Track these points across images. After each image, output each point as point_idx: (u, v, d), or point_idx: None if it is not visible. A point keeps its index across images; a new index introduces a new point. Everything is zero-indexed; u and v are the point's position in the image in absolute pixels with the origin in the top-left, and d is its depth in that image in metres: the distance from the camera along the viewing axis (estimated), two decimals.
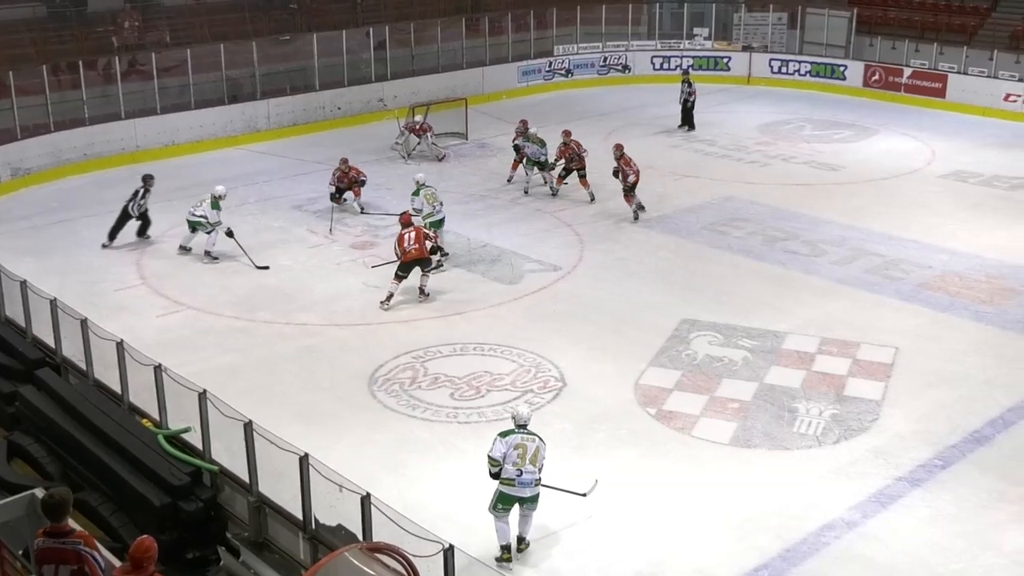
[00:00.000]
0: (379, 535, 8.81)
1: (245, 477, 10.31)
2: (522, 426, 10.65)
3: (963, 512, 11.44)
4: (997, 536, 11.06)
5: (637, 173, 20.54)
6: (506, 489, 10.48)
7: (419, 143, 25.09)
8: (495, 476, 10.50)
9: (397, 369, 14.65)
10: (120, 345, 11.87)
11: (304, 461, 9.51)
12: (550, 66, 33.60)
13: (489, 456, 10.52)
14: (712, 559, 10.71)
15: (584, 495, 11.34)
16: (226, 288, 17.57)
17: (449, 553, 8.18)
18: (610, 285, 17.61)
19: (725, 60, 34.34)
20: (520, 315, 16.49)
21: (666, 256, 19.01)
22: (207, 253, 18.92)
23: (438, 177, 21.67)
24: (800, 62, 33.53)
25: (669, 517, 11.39)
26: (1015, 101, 29.19)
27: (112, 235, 19.44)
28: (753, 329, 15.77)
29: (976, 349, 15.25)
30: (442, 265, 17.96)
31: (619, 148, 20.76)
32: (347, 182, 21.16)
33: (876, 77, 31.99)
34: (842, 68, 32.81)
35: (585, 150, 22.08)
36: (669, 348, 15.20)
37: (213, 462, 10.71)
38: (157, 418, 11.47)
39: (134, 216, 19.41)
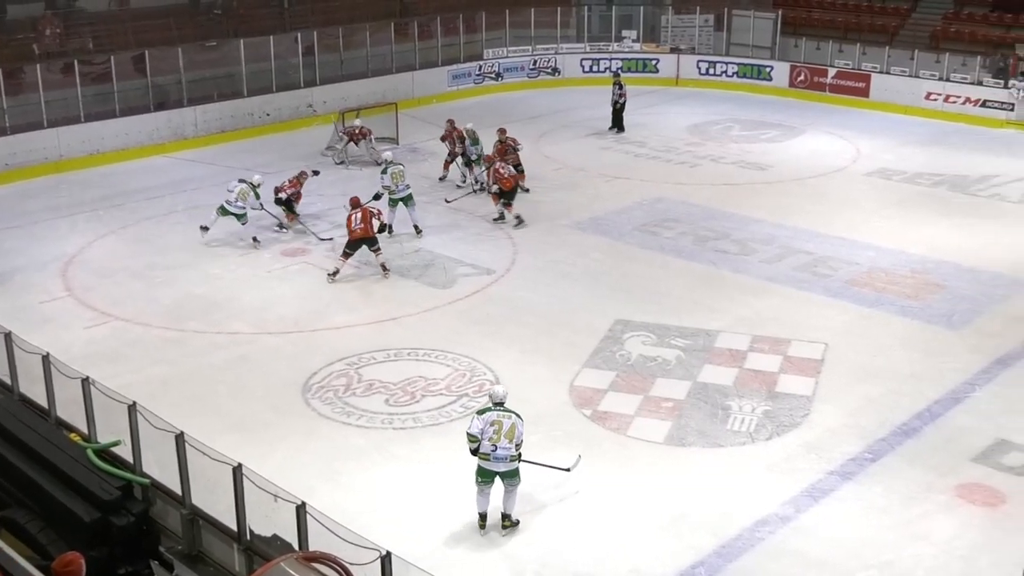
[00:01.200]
0: (315, 544, 8.74)
1: (178, 489, 10.16)
2: (499, 404, 11.15)
3: (893, 504, 11.66)
4: (926, 526, 11.28)
5: (509, 181, 20.60)
6: (483, 463, 11.01)
7: (357, 148, 24.96)
8: (474, 452, 11.01)
9: (331, 376, 14.56)
10: (46, 358, 11.63)
11: (238, 471, 9.40)
12: (480, 69, 33.61)
13: (468, 433, 11.06)
14: (649, 557, 10.79)
15: (568, 470, 11.89)
16: (155, 299, 17.32)
17: (387, 560, 8.14)
18: (543, 288, 17.66)
19: (653, 62, 34.62)
20: (454, 319, 16.48)
21: (598, 258, 19.11)
22: (255, 239, 19.58)
23: (370, 181, 21.57)
24: (727, 63, 33.95)
25: (606, 517, 11.46)
26: (936, 100, 29.84)
27: None
28: (685, 328, 15.92)
29: (903, 344, 15.54)
30: (420, 232, 19.96)
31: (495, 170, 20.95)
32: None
33: (801, 77, 32.49)
34: (768, 69, 33.27)
35: (520, 145, 22.43)
36: (603, 349, 15.29)
37: (144, 475, 10.53)
38: (86, 432, 11.24)
39: None
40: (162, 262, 18.81)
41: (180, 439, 9.89)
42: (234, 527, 9.70)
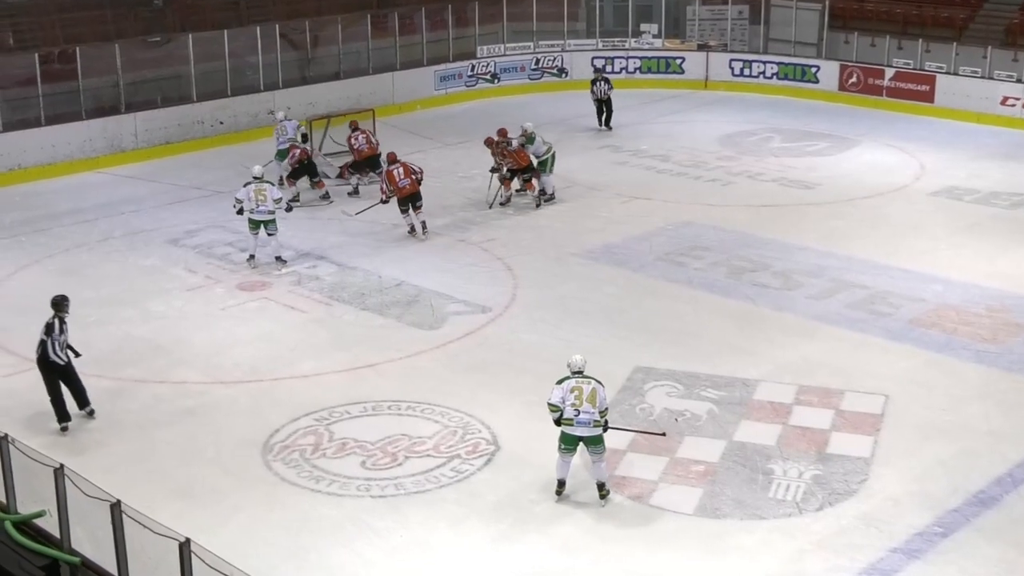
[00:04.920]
0: None
1: (113, 570, 10.13)
2: (578, 372, 12.78)
3: None
4: None
5: (404, 190, 21.53)
6: (566, 429, 12.66)
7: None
8: (557, 422, 12.68)
9: (297, 434, 14.54)
10: None
11: (185, 548, 9.36)
12: (472, 70, 33.82)
13: (548, 403, 12.68)
14: None
15: (663, 435, 13.88)
16: (87, 341, 17.20)
17: None
18: (549, 328, 17.68)
19: (678, 61, 34.84)
20: (443, 366, 16.48)
21: (614, 292, 19.16)
22: (279, 259, 20.31)
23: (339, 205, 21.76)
24: (765, 63, 34.17)
25: None
26: (1013, 105, 30.02)
27: (64, 413, 14.80)
28: (719, 377, 15.92)
29: (978, 395, 15.54)
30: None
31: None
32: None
33: (854, 79, 32.68)
34: (814, 69, 33.48)
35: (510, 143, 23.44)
36: (621, 401, 15.27)
37: (74, 552, 10.52)
38: (3, 500, 11.24)
39: (61, 360, 14.64)
40: (95, 298, 18.80)
41: (116, 509, 9.86)
42: None
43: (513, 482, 13.38)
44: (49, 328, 14.62)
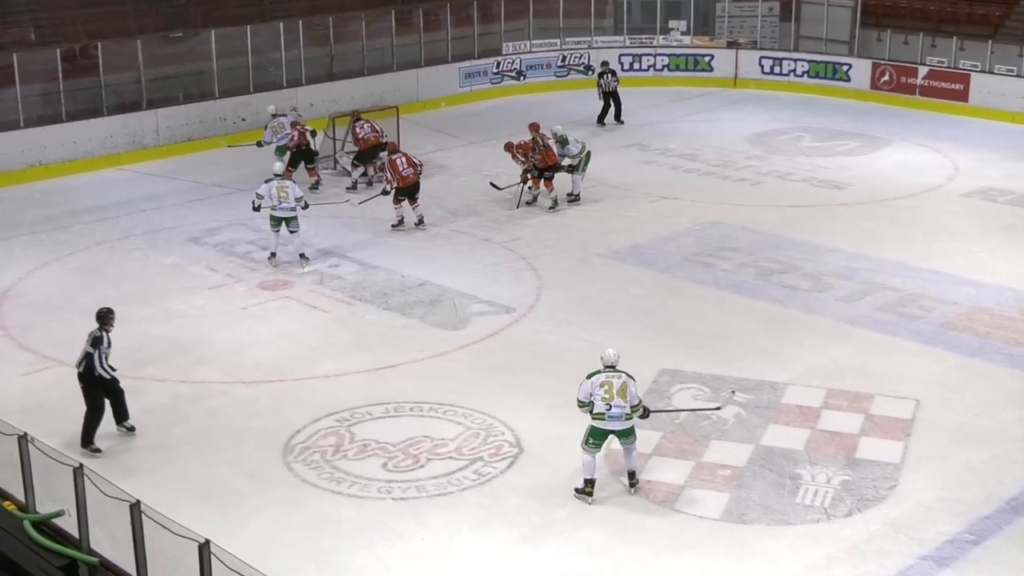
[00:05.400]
0: None
1: (132, 570, 10.19)
2: (610, 367, 12.93)
3: None
4: None
5: (407, 179, 21.77)
6: (597, 423, 12.83)
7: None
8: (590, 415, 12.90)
9: (318, 435, 14.59)
10: None
11: (205, 549, 9.41)
12: (498, 67, 33.85)
13: (577, 399, 12.93)
14: None
15: (719, 408, 14.54)
16: None
17: None
18: (574, 329, 17.69)
19: (707, 59, 34.80)
20: (466, 367, 16.51)
21: (640, 294, 19.16)
22: (302, 257, 20.32)
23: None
24: (796, 61, 34.10)
25: None
26: None
27: (91, 437, 14.32)
28: (746, 380, 15.90)
29: (1011, 400, 15.47)
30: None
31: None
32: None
33: (886, 78, 32.57)
34: (846, 67, 33.39)
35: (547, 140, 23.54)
36: (646, 404, 15.24)
37: (92, 553, 10.58)
38: (22, 500, 11.31)
39: (107, 374, 14.37)
40: (115, 296, 18.83)
41: (136, 509, 9.92)
42: None
43: (536, 485, 13.38)
44: (96, 341, 14.28)
